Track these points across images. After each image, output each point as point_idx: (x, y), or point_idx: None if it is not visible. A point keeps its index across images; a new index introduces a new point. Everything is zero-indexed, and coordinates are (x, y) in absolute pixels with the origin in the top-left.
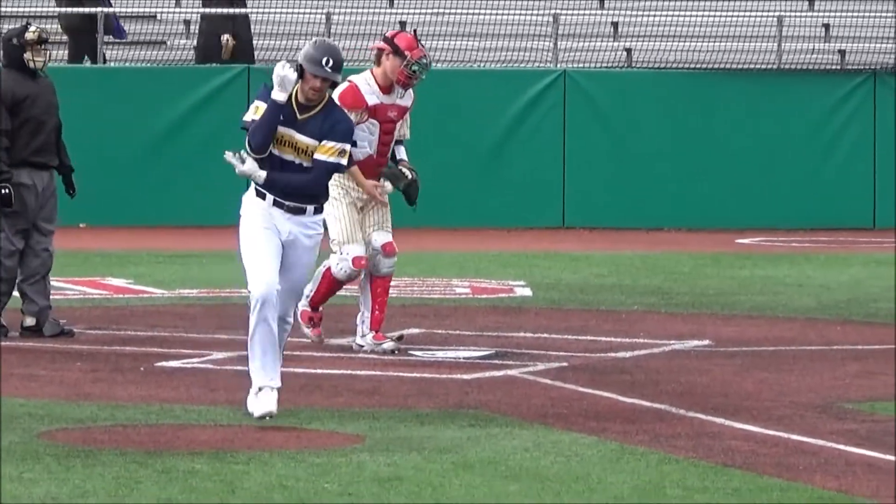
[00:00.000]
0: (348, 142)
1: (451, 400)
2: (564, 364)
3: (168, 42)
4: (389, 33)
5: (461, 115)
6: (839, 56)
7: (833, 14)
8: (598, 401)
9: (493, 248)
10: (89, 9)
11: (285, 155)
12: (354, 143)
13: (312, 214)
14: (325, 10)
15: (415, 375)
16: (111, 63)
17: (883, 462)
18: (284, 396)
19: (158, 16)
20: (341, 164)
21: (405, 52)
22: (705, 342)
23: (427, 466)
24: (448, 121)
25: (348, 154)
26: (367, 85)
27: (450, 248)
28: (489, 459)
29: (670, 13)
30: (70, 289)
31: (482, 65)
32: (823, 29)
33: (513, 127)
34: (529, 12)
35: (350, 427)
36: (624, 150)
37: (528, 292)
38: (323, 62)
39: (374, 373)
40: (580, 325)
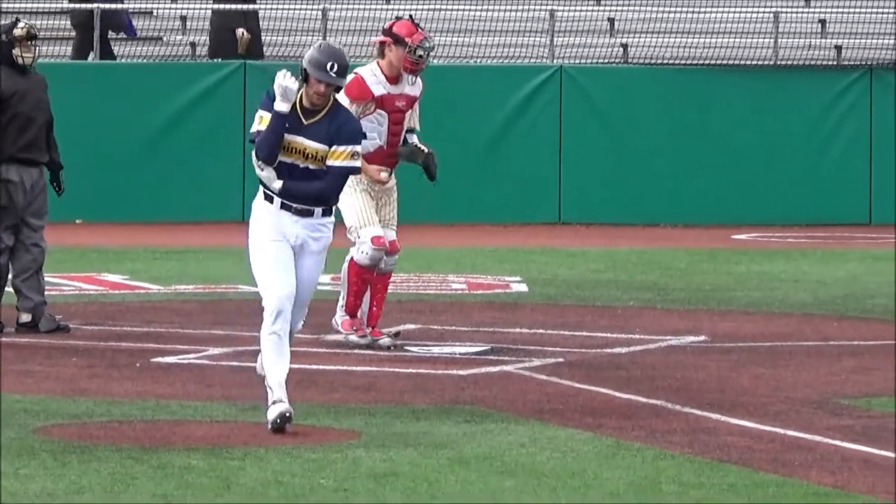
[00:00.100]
0: (358, 143)
1: (447, 396)
2: (560, 360)
3: (165, 38)
4: (387, 25)
5: (457, 111)
6: (835, 52)
7: (829, 10)
8: (593, 396)
9: (489, 243)
10: (96, 4)
11: (294, 161)
12: (365, 136)
13: (321, 216)
14: (321, 6)
15: (411, 371)
16: (121, 59)
17: (879, 458)
18: None
19: (155, 12)
20: (355, 166)
21: (406, 40)
22: (701, 338)
23: (423, 462)
24: (444, 116)
25: (360, 154)
26: (374, 76)
27: (446, 243)
28: (485, 455)
29: (666, 9)
30: (66, 284)
31: (478, 60)
32: (820, 25)
33: (509, 123)
34: (526, 8)
35: (346, 423)
36: (620, 145)
37: (524, 288)
38: (328, 67)
39: (369, 368)
40: (576, 321)
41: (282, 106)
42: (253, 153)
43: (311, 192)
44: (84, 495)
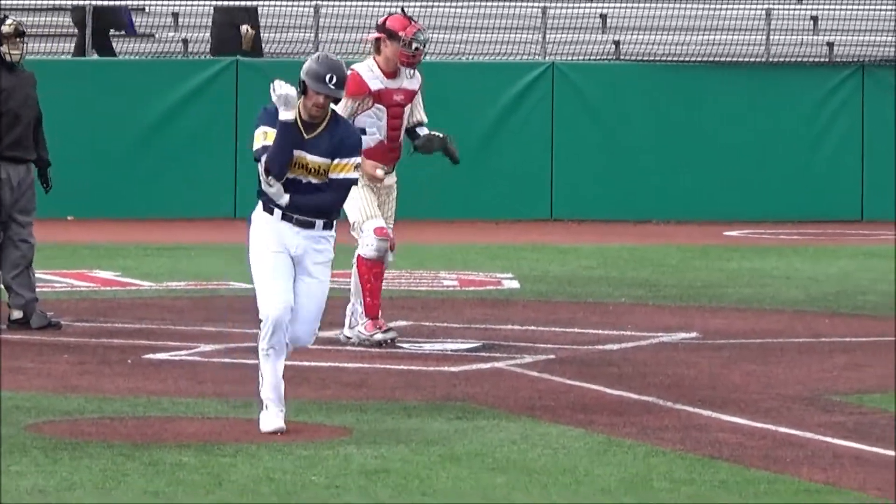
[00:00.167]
0: (359, 154)
1: (439, 392)
2: (552, 356)
3: (156, 35)
4: (380, 20)
5: (449, 108)
6: (827, 49)
7: (821, 6)
8: (585, 393)
9: (480, 240)
10: (90, 1)
11: (296, 176)
12: (364, 132)
13: (322, 229)
14: (314, 3)
15: (402, 368)
16: (122, 55)
17: (870, 454)
18: None
19: (147, 8)
20: (357, 177)
21: (400, 34)
22: (693, 334)
23: (414, 459)
24: (436, 113)
25: (360, 165)
26: (370, 71)
27: (438, 240)
28: (476, 452)
29: (659, 6)
30: (58, 281)
31: (471, 57)
32: (812, 21)
33: (501, 119)
34: (518, 5)
35: (337, 419)
36: (612, 142)
37: (515, 285)
38: (326, 79)
39: (361, 365)
40: (568, 318)
41: (286, 115)
42: (260, 169)
43: (317, 204)
44: (75, 492)
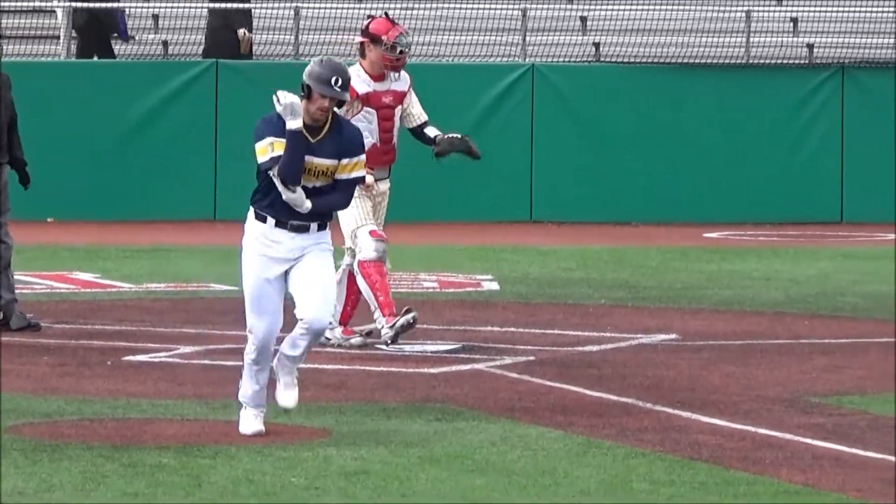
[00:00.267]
0: (363, 151)
1: (418, 394)
2: (531, 358)
3: (136, 37)
4: (364, 24)
5: (429, 109)
6: (807, 50)
7: (801, 8)
8: (564, 395)
9: (460, 241)
10: (91, 3)
11: (304, 182)
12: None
13: (317, 231)
14: (293, 5)
15: (381, 369)
16: (97, 59)
17: (849, 456)
18: None
19: (128, 11)
20: (363, 174)
21: (382, 38)
22: (672, 336)
23: (393, 460)
24: None
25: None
26: (357, 75)
27: (417, 241)
28: (456, 453)
29: (638, 7)
30: (37, 283)
31: (450, 59)
32: (791, 23)
33: (481, 121)
34: (498, 6)
35: (317, 421)
36: (592, 144)
37: (495, 286)
38: (332, 81)
39: (340, 367)
40: (547, 319)
41: (294, 124)
42: (277, 181)
43: (331, 204)
44: (55, 494)
